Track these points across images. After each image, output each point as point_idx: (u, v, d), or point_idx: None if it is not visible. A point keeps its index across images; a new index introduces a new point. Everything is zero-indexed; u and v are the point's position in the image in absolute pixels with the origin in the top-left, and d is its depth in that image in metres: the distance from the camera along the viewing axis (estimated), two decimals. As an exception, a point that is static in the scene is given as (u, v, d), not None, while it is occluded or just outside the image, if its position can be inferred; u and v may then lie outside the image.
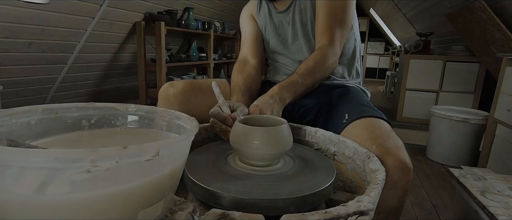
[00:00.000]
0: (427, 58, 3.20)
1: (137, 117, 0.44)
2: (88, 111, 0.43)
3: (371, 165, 0.55)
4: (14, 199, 0.25)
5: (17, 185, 0.24)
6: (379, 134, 0.64)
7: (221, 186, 0.46)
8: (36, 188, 0.24)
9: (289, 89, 0.72)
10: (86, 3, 1.92)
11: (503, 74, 1.82)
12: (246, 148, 0.53)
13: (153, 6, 2.56)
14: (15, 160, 0.24)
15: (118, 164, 0.25)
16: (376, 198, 0.42)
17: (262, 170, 0.54)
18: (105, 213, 0.26)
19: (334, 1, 0.85)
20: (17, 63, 1.87)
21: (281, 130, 0.54)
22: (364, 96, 0.88)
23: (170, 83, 0.88)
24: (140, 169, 0.28)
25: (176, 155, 0.33)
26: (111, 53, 2.55)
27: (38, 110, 0.38)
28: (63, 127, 0.40)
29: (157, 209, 0.32)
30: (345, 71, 0.95)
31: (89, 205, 0.25)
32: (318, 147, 0.73)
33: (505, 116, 1.76)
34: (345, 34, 0.88)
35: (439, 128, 2.13)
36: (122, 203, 0.27)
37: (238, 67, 0.93)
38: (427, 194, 1.67)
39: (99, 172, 0.25)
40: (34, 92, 2.19)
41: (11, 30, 1.67)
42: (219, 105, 0.64)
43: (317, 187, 0.48)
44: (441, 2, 3.11)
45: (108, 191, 0.26)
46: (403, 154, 0.60)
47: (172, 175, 0.33)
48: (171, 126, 0.43)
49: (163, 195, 0.33)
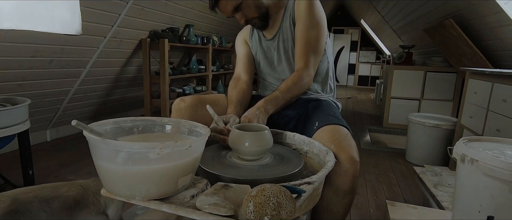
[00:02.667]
0: (409, 68, 3.47)
1: (168, 125, 0.68)
2: (137, 122, 0.66)
3: (327, 158, 0.79)
4: (120, 168, 0.48)
5: (122, 161, 0.48)
6: (337, 137, 0.88)
7: (223, 171, 0.70)
8: (131, 163, 0.48)
9: (272, 103, 0.96)
10: (100, 25, 2.17)
11: (466, 85, 2.08)
12: (240, 147, 0.76)
13: (157, 25, 2.81)
14: (124, 147, 0.47)
15: (172, 150, 0.49)
16: (322, 176, 0.66)
17: (252, 163, 0.78)
18: (164, 177, 0.50)
19: (309, 33, 1.09)
20: (38, 78, 2.10)
21: (264, 134, 0.78)
22: (334, 108, 1.13)
23: (181, 99, 1.12)
24: (181, 154, 0.52)
25: (198, 148, 0.56)
26: (119, 67, 2.79)
27: (110, 122, 0.62)
28: (123, 132, 0.64)
29: (187, 179, 0.55)
30: (319, 87, 1.20)
31: (158, 171, 0.49)
32: (295, 147, 0.96)
33: (468, 122, 2.01)
34: (318, 59, 1.12)
35: (416, 133, 2.38)
36: (172, 172, 0.51)
37: (232, 83, 1.18)
38: (401, 190, 1.91)
39: (163, 154, 0.48)
40: (50, 103, 2.41)
41: (36, 50, 1.91)
42: (215, 121, 0.89)
43: (288, 172, 0.72)
44: (421, 17, 3.40)
45: (166, 165, 0.49)
46: (353, 151, 0.83)
47: (196, 160, 0.56)
48: (191, 131, 0.66)
49: (190, 171, 0.56)
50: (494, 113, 1.69)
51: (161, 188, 0.52)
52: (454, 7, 2.53)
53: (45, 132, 2.63)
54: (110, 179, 0.51)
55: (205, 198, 0.52)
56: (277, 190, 0.48)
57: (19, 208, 0.78)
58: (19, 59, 1.90)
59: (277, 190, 0.48)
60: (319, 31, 1.09)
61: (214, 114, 0.89)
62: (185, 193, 0.56)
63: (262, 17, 1.12)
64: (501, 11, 1.91)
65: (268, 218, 0.45)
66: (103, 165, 0.50)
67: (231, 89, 1.15)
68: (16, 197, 0.80)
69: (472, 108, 1.97)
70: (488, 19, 2.18)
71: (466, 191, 0.61)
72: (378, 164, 2.40)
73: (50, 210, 0.82)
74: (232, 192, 0.57)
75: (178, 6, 2.87)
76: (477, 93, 1.92)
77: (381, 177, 2.13)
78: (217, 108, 1.05)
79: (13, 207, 0.77)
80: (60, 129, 2.75)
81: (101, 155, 0.50)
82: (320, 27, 1.09)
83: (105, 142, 0.48)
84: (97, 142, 0.49)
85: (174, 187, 0.53)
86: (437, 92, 3.42)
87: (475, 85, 1.97)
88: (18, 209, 0.78)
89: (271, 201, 0.46)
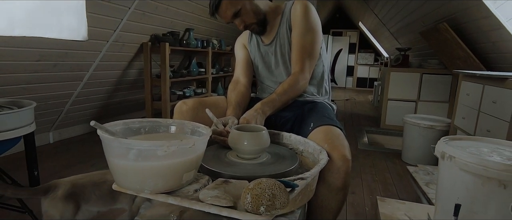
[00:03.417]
0: (405, 70, 3.53)
1: (173, 126, 0.73)
2: (144, 123, 0.72)
3: (321, 156, 0.84)
4: (131, 164, 0.54)
5: (133, 157, 0.53)
6: (330, 136, 0.94)
7: (223, 169, 0.75)
8: (141, 159, 0.53)
9: (269, 105, 1.02)
10: (103, 29, 2.23)
11: (459, 87, 2.14)
12: (239, 146, 0.82)
13: (158, 29, 2.87)
14: (135, 145, 0.53)
15: (178, 148, 0.54)
16: (315, 172, 0.71)
17: (250, 161, 0.83)
18: (171, 172, 0.55)
19: (304, 38, 1.15)
20: (43, 81, 2.16)
21: (262, 135, 0.84)
22: (329, 110, 1.18)
23: (183, 101, 1.17)
24: (185, 152, 0.57)
25: (200, 146, 0.62)
26: (121, 70, 2.84)
27: (120, 123, 0.67)
28: (132, 132, 0.69)
29: (191, 174, 0.61)
30: (315, 90, 1.25)
31: (165, 167, 0.54)
32: (291, 147, 1.02)
33: (461, 122, 2.07)
34: (313, 63, 1.18)
35: (411, 134, 2.44)
36: (178, 167, 0.56)
37: (232, 86, 1.24)
38: (396, 189, 1.96)
39: (169, 151, 0.54)
40: (53, 106, 2.47)
41: (41, 54, 1.96)
42: (215, 124, 0.94)
43: (284, 169, 0.77)
44: (416, 21, 3.46)
45: (172, 161, 0.55)
46: (345, 150, 0.89)
47: (198, 157, 0.62)
48: (194, 132, 0.72)
49: (194, 167, 0.62)
50: (485, 114, 1.75)
51: (168, 182, 0.57)
52: (447, 11, 2.60)
53: (48, 134, 2.68)
54: (121, 174, 0.57)
55: (207, 191, 0.58)
56: (272, 183, 0.54)
57: (77, 191, 0.96)
58: (25, 63, 1.95)
59: (272, 183, 0.54)
60: (314, 36, 1.15)
61: (213, 117, 0.95)
62: (189, 187, 0.61)
63: (260, 23, 1.18)
64: (491, 15, 1.97)
65: (264, 208, 0.51)
66: (115, 162, 0.56)
67: (231, 91, 1.20)
68: (74, 182, 0.98)
69: (465, 109, 2.03)
70: (480, 23, 2.24)
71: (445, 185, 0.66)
72: (374, 164, 2.46)
73: (99, 193, 0.99)
74: (231, 186, 0.62)
75: (179, 11, 2.93)
76: (469, 95, 1.98)
77: (377, 177, 2.19)
78: (217, 110, 1.11)
79: (72, 190, 0.95)
80: (63, 131, 2.81)
81: (114, 152, 0.55)
82: (315, 32, 1.15)
83: (118, 141, 0.54)
84: (111, 141, 0.54)
85: (179, 182, 0.59)
86: (433, 94, 3.48)
87: (467, 87, 2.03)
88: (75, 192, 0.95)
89: (266, 193, 0.52)
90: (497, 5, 1.92)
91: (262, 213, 0.51)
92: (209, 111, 0.96)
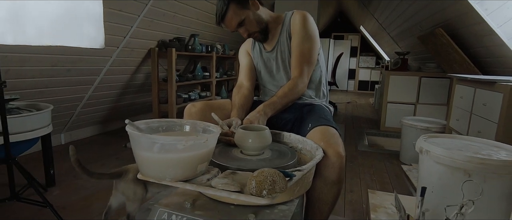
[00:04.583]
0: (404, 74, 3.63)
1: (187, 126, 0.84)
2: (162, 123, 0.83)
3: (317, 153, 0.94)
4: (155, 156, 0.65)
5: (157, 150, 0.64)
6: (326, 135, 1.04)
7: (230, 163, 0.85)
8: (164, 152, 0.64)
9: (271, 107, 1.12)
10: (114, 36, 2.35)
11: (454, 90, 2.23)
12: (244, 143, 0.92)
13: (165, 35, 3.00)
14: (159, 140, 0.63)
15: (194, 143, 0.65)
16: (311, 165, 0.81)
17: (254, 157, 0.93)
18: (188, 163, 0.66)
19: (303, 46, 1.26)
20: (57, 85, 2.29)
21: (265, 133, 0.94)
22: (326, 111, 1.29)
23: (192, 104, 1.28)
24: (199, 146, 0.68)
25: (212, 142, 0.72)
26: (129, 75, 2.97)
27: (142, 123, 0.78)
28: (151, 130, 0.80)
29: (204, 166, 0.72)
30: (313, 93, 1.36)
31: (183, 158, 0.65)
32: (291, 146, 1.12)
33: (456, 124, 2.16)
34: (311, 68, 1.29)
35: (408, 135, 2.53)
36: (194, 159, 0.67)
37: (236, 90, 1.35)
38: (392, 188, 2.05)
39: (187, 145, 0.64)
40: (66, 109, 2.59)
41: (57, 60, 2.09)
42: (220, 125, 1.04)
43: (284, 164, 0.88)
44: (414, 26, 3.56)
45: (190, 154, 0.65)
46: (339, 147, 0.99)
47: (210, 151, 0.73)
48: (205, 130, 0.83)
49: (206, 160, 0.72)
50: (476, 116, 1.84)
51: (185, 172, 0.68)
52: (442, 17, 2.70)
53: (60, 136, 2.80)
54: (146, 165, 0.67)
55: (218, 179, 0.68)
56: (273, 171, 0.64)
57: None
58: (41, 69, 2.08)
59: (273, 171, 0.64)
60: (312, 44, 1.26)
61: (218, 120, 1.05)
62: (202, 177, 0.72)
63: (262, 31, 1.29)
64: (483, 21, 2.07)
65: (266, 192, 0.61)
66: (141, 154, 0.67)
67: (235, 94, 1.31)
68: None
69: (459, 111, 2.12)
70: (473, 29, 2.34)
71: (423, 175, 0.76)
72: (373, 164, 2.55)
73: None
74: (238, 176, 0.73)
75: (185, 18, 3.06)
76: (463, 98, 2.07)
77: (375, 177, 2.28)
78: (223, 112, 1.22)
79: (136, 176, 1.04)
80: (73, 133, 2.93)
81: (141, 146, 0.66)
82: (313, 40, 1.26)
83: (145, 136, 0.65)
84: (139, 137, 0.65)
85: (194, 172, 0.69)
86: (432, 97, 3.56)
87: (460, 90, 2.12)
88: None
89: (268, 179, 0.62)
90: (488, 12, 2.02)
91: (264, 196, 0.61)
92: (214, 115, 1.06)
